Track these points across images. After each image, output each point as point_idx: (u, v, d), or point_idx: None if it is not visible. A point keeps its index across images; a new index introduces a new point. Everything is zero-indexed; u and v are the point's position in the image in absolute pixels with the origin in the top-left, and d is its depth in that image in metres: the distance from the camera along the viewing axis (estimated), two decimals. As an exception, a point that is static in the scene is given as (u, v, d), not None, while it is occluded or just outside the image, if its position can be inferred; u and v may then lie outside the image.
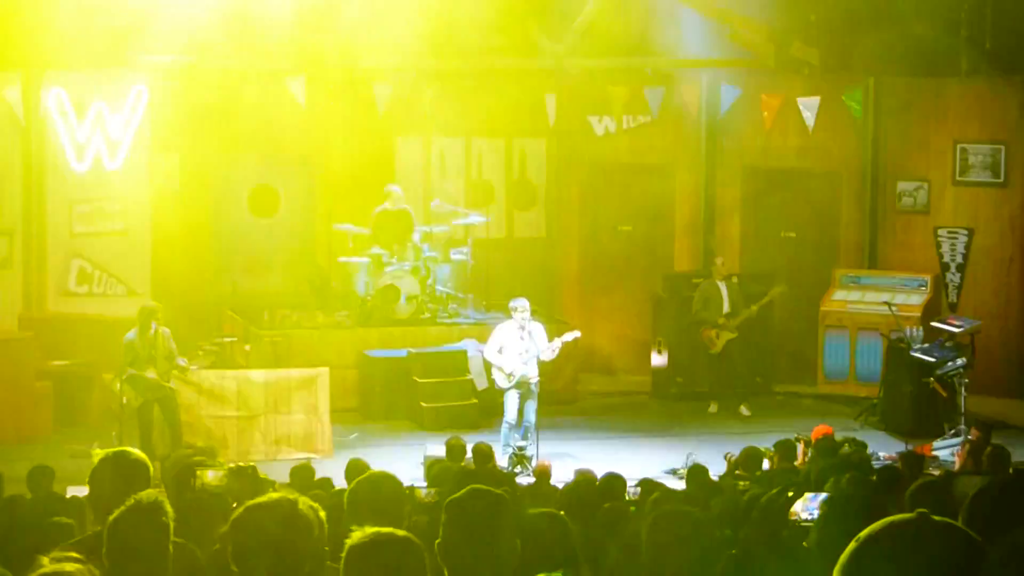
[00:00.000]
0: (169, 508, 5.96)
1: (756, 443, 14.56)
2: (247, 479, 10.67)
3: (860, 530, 3.60)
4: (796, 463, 14.12)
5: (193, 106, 21.14)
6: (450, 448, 15.12)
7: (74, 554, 5.46)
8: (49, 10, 18.95)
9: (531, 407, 17.46)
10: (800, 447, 14.54)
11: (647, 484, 11.49)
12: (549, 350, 17.43)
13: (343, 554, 4.49)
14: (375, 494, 6.50)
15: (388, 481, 6.75)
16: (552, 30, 22.03)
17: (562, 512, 8.96)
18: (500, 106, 22.40)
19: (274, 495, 5.41)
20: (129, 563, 5.92)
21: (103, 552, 5.99)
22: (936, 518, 3.48)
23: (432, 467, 14.89)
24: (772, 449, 14.08)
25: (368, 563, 4.40)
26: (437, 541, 5.19)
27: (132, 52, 20.46)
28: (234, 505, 6.77)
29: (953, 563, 3.41)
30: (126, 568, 5.91)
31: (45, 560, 5.38)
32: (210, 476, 8.07)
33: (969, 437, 16.27)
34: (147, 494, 6.15)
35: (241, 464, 10.22)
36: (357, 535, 4.46)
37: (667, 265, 22.74)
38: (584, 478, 12.48)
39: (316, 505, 5.72)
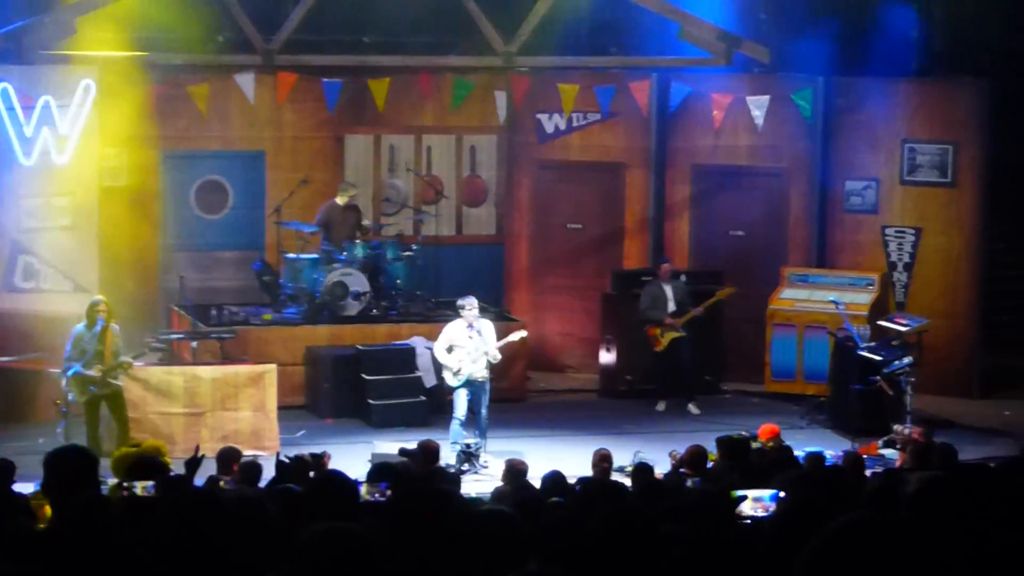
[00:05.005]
0: (114, 505, 5.92)
1: (704, 441, 14.56)
2: (179, 490, 10.52)
3: (814, 528, 3.59)
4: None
5: (141, 101, 21.03)
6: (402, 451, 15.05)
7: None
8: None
9: (481, 404, 17.46)
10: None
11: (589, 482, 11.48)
12: (495, 351, 17.43)
13: (295, 548, 4.47)
14: (330, 492, 6.50)
15: (342, 479, 6.76)
16: (503, 27, 22.01)
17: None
18: (450, 103, 22.44)
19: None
20: (80, 559, 5.89)
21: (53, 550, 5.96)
22: (896, 516, 3.47)
23: (378, 467, 14.80)
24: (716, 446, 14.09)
25: (320, 557, 4.37)
26: (387, 538, 5.17)
27: (79, 46, 20.32)
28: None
29: (914, 562, 3.41)
30: (77, 565, 5.88)
31: None
32: (136, 489, 7.93)
33: (906, 432, 16.41)
34: (92, 491, 6.11)
35: (171, 476, 10.02)
36: (309, 529, 4.43)
37: (617, 263, 22.74)
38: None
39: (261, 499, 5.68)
